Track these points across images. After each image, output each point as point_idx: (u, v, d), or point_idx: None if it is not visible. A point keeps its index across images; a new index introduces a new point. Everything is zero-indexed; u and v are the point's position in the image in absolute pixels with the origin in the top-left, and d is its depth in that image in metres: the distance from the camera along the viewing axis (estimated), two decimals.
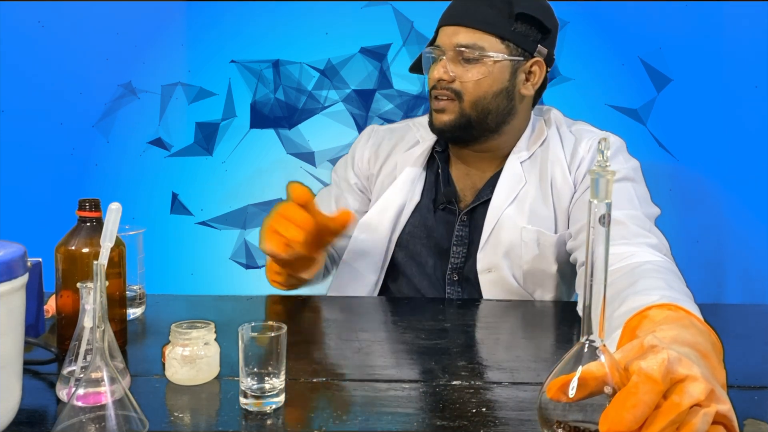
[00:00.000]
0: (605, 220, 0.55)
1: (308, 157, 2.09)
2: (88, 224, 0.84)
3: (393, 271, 1.27)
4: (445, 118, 1.16)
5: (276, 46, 2.08)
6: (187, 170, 2.12)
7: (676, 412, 0.50)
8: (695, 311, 0.71)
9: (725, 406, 0.53)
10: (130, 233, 1.02)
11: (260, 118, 2.10)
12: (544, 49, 1.16)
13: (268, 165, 2.10)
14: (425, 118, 1.31)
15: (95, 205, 0.84)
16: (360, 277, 1.25)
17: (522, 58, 1.15)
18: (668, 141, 2.03)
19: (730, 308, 1.23)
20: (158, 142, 2.10)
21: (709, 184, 2.04)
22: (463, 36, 1.13)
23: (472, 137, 1.18)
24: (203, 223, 2.12)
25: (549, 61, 1.19)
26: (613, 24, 2.02)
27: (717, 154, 2.03)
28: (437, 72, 1.14)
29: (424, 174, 1.26)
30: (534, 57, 1.16)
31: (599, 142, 0.55)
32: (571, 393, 0.54)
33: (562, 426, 0.54)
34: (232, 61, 2.08)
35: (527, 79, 1.17)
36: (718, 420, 0.53)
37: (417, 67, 1.25)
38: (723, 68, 2.01)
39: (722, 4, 1.99)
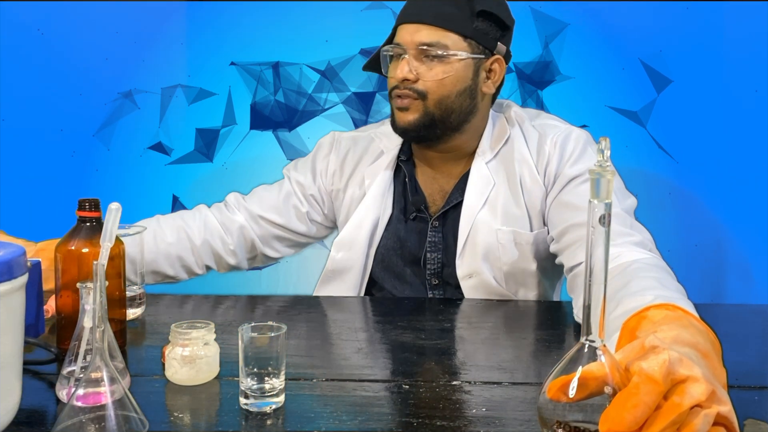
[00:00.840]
0: (605, 220, 0.55)
1: None
2: (88, 224, 0.84)
3: (373, 285, 1.27)
4: (410, 117, 1.14)
5: (275, 47, 2.08)
6: (188, 173, 2.12)
7: (677, 413, 0.50)
8: (692, 310, 0.71)
9: (726, 407, 0.53)
10: (130, 233, 1.02)
11: (260, 120, 2.10)
12: (503, 47, 1.16)
13: (269, 169, 2.10)
14: (388, 126, 1.27)
15: (95, 205, 0.84)
16: (339, 295, 1.24)
17: (483, 56, 1.14)
18: (668, 143, 2.03)
19: (730, 308, 1.23)
20: (158, 147, 2.10)
21: (709, 185, 2.04)
22: (426, 34, 1.10)
23: (435, 136, 1.16)
24: None
25: (507, 58, 1.19)
26: (614, 26, 2.02)
27: (717, 155, 2.03)
28: (401, 71, 1.12)
29: (392, 185, 1.24)
30: (494, 54, 1.15)
31: (600, 142, 0.55)
32: (571, 393, 0.54)
33: (562, 426, 0.54)
34: (232, 64, 2.08)
35: (488, 77, 1.16)
36: (719, 421, 0.53)
37: (372, 66, 1.24)
38: (723, 71, 2.01)
39: (723, 8, 1.99)
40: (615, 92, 2.03)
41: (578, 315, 0.99)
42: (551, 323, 1.08)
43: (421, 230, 1.22)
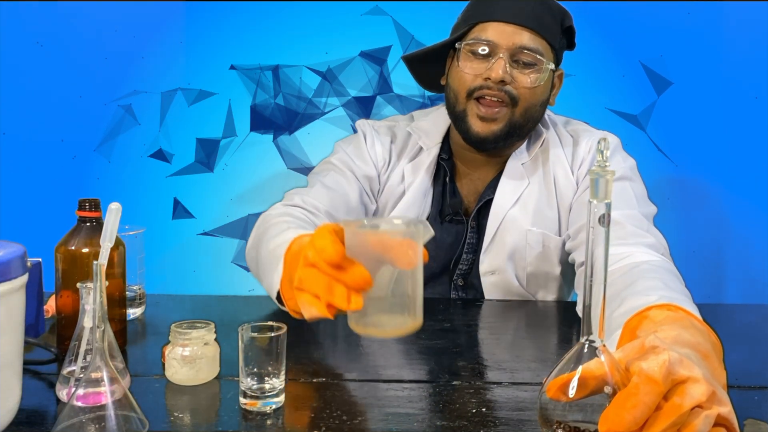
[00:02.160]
0: (605, 220, 0.55)
1: (309, 172, 2.10)
2: (88, 224, 0.84)
3: None
4: (495, 127, 1.08)
5: (275, 51, 2.09)
6: (189, 180, 2.13)
7: (677, 414, 0.50)
8: (694, 311, 0.71)
9: (726, 408, 0.53)
10: (130, 233, 1.02)
11: (260, 121, 2.10)
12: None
13: (269, 176, 2.11)
14: (423, 122, 1.24)
15: (95, 205, 0.84)
16: None
17: (555, 69, 1.14)
18: (667, 146, 2.04)
19: (730, 308, 1.23)
20: (159, 154, 2.11)
21: (709, 187, 2.05)
22: (529, 38, 1.06)
23: (506, 145, 1.13)
24: (205, 234, 2.13)
25: None
26: (615, 30, 2.03)
27: (716, 158, 2.03)
28: (500, 71, 1.04)
29: (432, 185, 1.21)
30: (559, 69, 1.16)
31: (599, 142, 0.56)
32: (571, 393, 0.54)
33: (562, 426, 0.54)
34: (232, 68, 2.08)
35: (552, 89, 1.17)
36: (719, 422, 0.53)
37: (416, 61, 1.20)
38: (724, 76, 2.02)
39: (725, 16, 2.00)
40: (615, 95, 2.04)
41: (581, 310, 1.00)
42: (553, 324, 1.08)
43: (458, 231, 1.20)
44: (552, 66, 1.10)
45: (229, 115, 2.09)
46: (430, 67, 1.21)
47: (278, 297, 0.88)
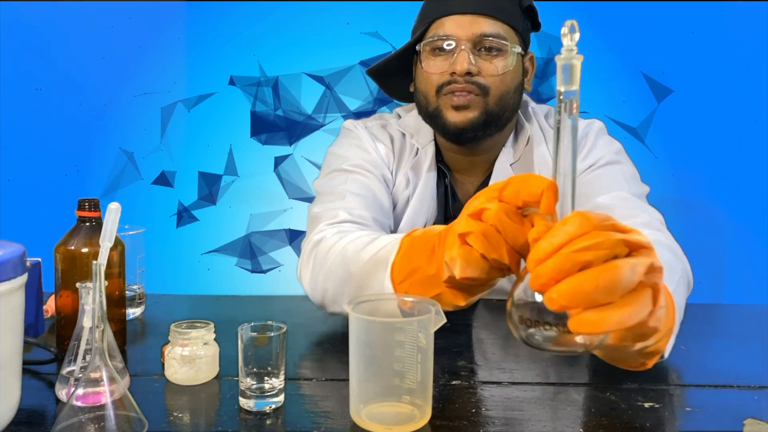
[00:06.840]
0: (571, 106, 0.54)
1: (310, 201, 2.11)
2: (88, 224, 0.84)
3: None
4: (470, 114, 1.05)
5: (274, 58, 2.09)
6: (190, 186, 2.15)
7: (604, 236, 0.48)
8: (671, 286, 0.71)
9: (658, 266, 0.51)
10: (130, 233, 1.02)
11: (260, 126, 2.10)
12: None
13: (269, 204, 2.12)
14: (411, 120, 1.19)
15: (95, 205, 0.84)
16: None
17: (524, 53, 1.11)
18: (665, 155, 2.06)
19: (730, 308, 1.23)
20: (162, 179, 2.12)
21: (707, 193, 2.06)
22: (487, 25, 1.04)
23: (487, 135, 1.10)
24: (208, 252, 2.14)
25: None
26: (620, 42, 2.04)
27: (715, 160, 2.05)
28: (463, 64, 1.02)
29: (435, 186, 1.17)
30: (529, 52, 1.13)
31: (564, 26, 0.53)
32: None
33: (530, 323, 0.54)
34: (231, 83, 2.09)
35: (525, 74, 1.13)
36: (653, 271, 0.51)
37: (379, 72, 1.16)
38: (723, 86, 2.03)
39: (728, 37, 2.02)
40: (616, 106, 2.05)
41: None
42: None
43: None
44: (518, 49, 1.07)
45: (230, 156, 2.11)
46: (401, 78, 1.18)
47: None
